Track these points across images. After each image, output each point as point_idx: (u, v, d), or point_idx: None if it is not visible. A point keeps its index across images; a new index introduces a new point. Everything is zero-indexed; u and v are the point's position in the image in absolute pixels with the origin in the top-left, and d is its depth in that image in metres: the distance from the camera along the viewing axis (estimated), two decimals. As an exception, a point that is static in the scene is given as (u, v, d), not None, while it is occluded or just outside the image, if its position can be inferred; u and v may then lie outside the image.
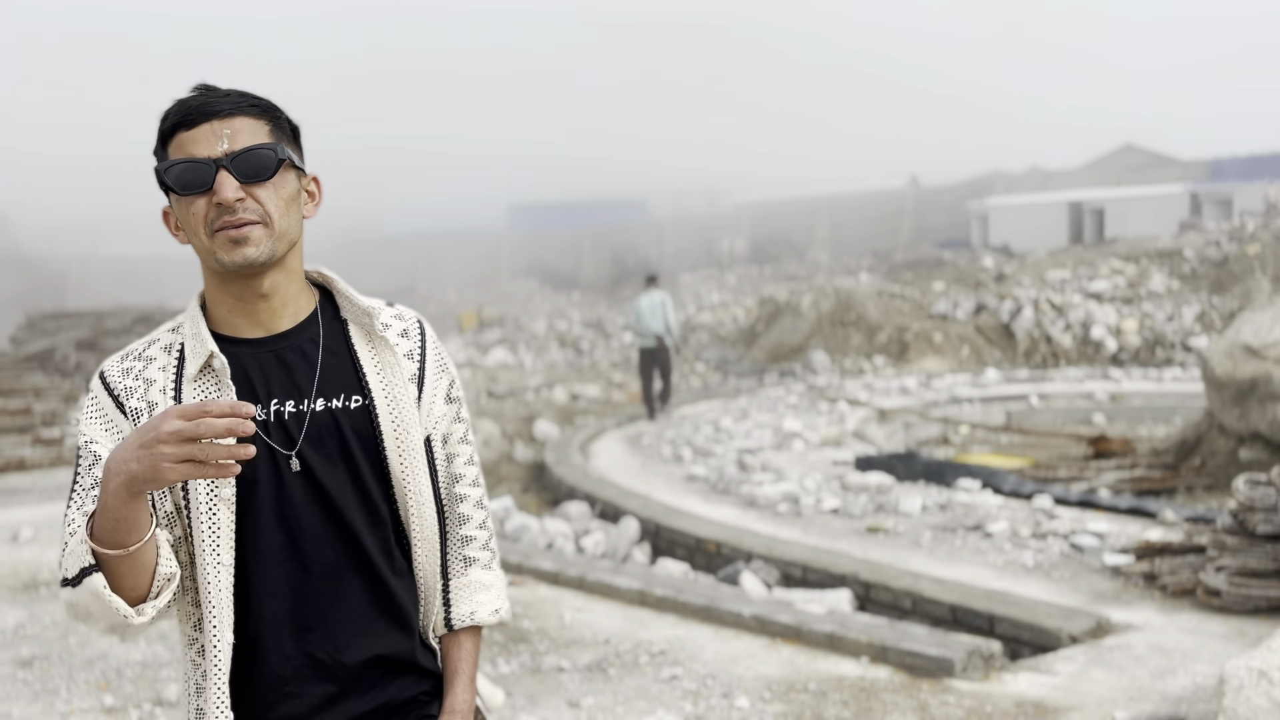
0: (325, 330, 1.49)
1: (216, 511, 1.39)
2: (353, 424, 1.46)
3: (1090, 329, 19.19)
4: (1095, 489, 9.08)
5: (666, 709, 4.05)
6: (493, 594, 1.59)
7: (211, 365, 1.43)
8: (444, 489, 1.56)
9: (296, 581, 1.42)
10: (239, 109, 1.41)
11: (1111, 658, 4.53)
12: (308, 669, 1.43)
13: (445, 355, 1.59)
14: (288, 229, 1.43)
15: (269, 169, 1.40)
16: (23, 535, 7.27)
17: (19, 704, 4.28)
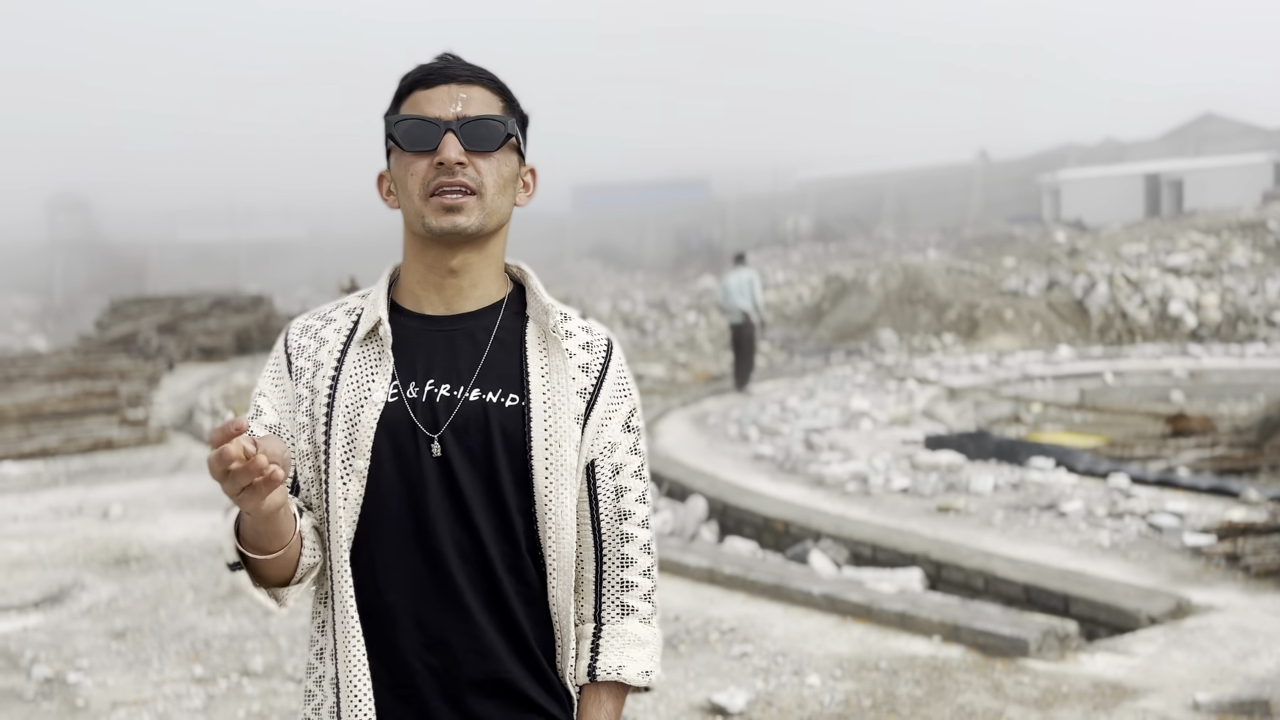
0: (503, 322, 1.42)
1: (348, 483, 1.34)
2: (503, 422, 1.36)
3: (1168, 304, 18.68)
4: (1174, 468, 8.87)
5: (737, 685, 4.08)
6: (646, 652, 1.43)
7: (377, 332, 1.39)
8: (606, 525, 1.42)
9: (417, 576, 1.35)
10: (478, 79, 1.40)
11: (1192, 639, 4.45)
12: (427, 673, 1.35)
13: (630, 382, 1.47)
14: (499, 207, 1.39)
15: (495, 140, 1.37)
16: (113, 513, 7.55)
17: (113, 674, 4.47)
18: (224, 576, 5.85)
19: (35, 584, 5.83)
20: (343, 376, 1.38)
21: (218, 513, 7.50)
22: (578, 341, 1.43)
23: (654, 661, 1.44)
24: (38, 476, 9.33)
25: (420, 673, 1.35)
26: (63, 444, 10.49)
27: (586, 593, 1.44)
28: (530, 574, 1.38)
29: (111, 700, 4.15)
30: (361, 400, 1.36)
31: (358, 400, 1.36)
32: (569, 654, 1.41)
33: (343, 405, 1.36)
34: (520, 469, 1.36)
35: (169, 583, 5.79)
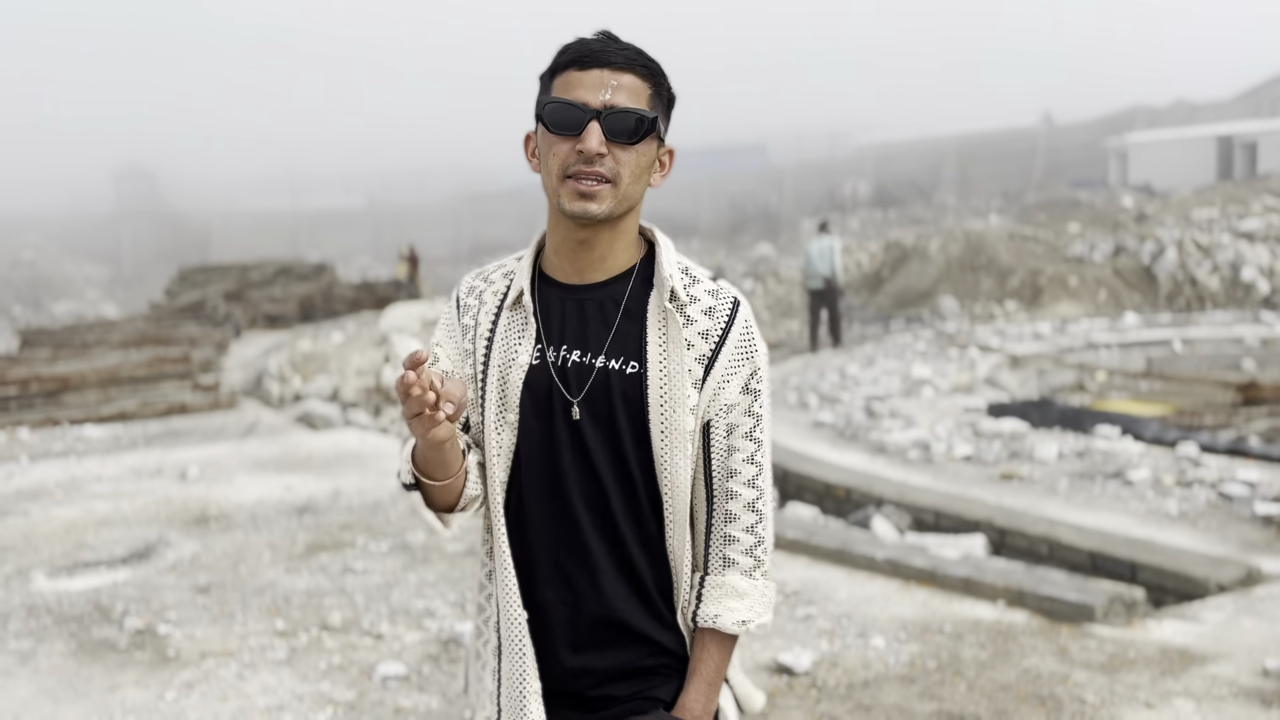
0: (631, 291, 1.51)
1: (501, 432, 1.50)
2: (624, 388, 1.47)
3: (1240, 270, 18.21)
4: (1245, 437, 8.70)
5: (803, 646, 4.14)
6: (746, 603, 1.52)
7: (521, 301, 1.52)
8: (716, 481, 1.52)
9: (556, 522, 1.50)
10: (631, 65, 1.44)
11: (1263, 607, 4.41)
12: (555, 604, 1.51)
13: (755, 343, 1.52)
14: (632, 194, 1.47)
15: (636, 134, 1.43)
16: (190, 474, 7.81)
17: (200, 626, 4.67)
18: (299, 536, 6.05)
19: (122, 540, 6.08)
20: (496, 338, 1.52)
21: (289, 475, 7.73)
22: (701, 307, 1.50)
23: (754, 611, 1.53)
24: (117, 439, 9.67)
25: (553, 604, 1.51)
26: (139, 408, 10.84)
27: (699, 543, 1.54)
28: (649, 524, 1.50)
29: (200, 651, 4.34)
30: (510, 361, 1.50)
31: (508, 360, 1.51)
32: (681, 596, 1.53)
33: (495, 364, 1.51)
34: (640, 430, 1.47)
35: (247, 541, 6.00)
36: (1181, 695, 3.61)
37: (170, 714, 3.77)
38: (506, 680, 1.52)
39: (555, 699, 1.54)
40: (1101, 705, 3.54)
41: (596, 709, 1.53)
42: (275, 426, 10.05)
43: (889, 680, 3.81)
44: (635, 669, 1.52)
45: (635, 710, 1.51)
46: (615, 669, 1.52)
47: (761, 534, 1.54)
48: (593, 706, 1.53)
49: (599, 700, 1.53)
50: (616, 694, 1.52)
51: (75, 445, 9.34)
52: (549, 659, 1.52)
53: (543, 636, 1.52)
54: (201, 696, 3.90)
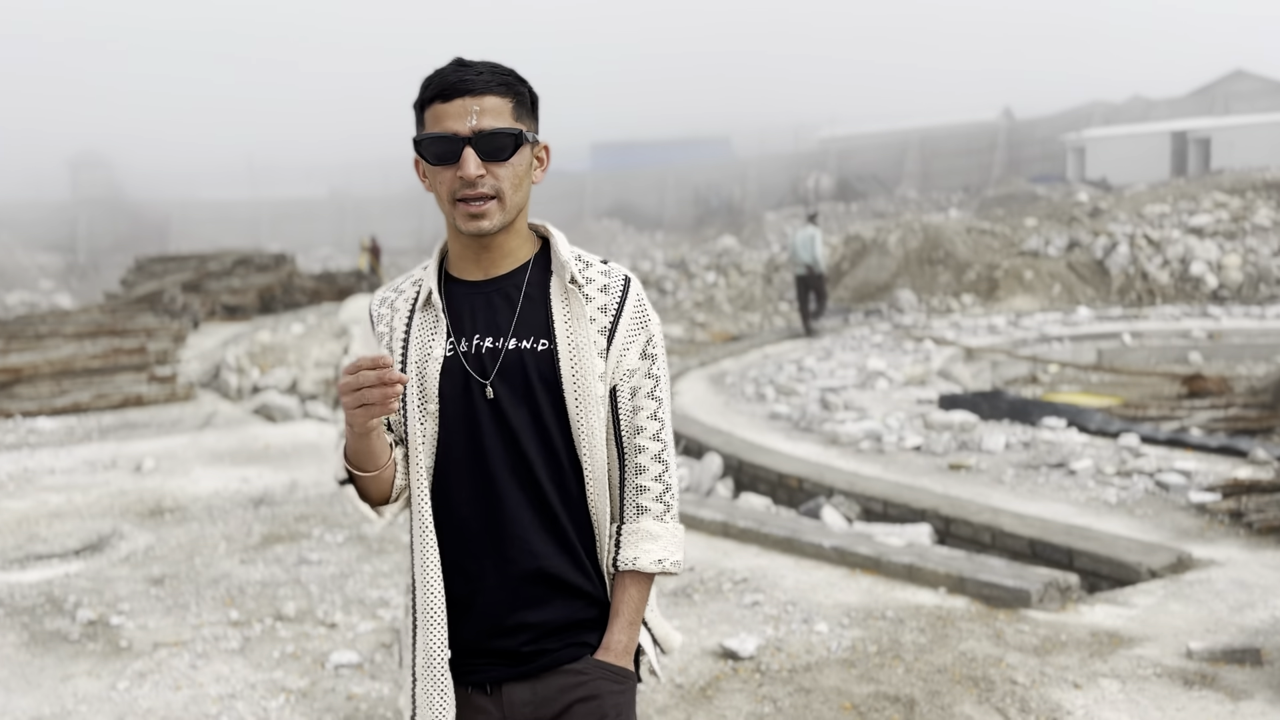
0: (531, 278, 1.67)
1: (424, 423, 1.63)
2: (538, 365, 1.63)
3: (1189, 265, 18.61)
4: (1186, 428, 8.95)
5: (748, 631, 4.25)
6: (660, 544, 1.68)
7: (431, 301, 1.67)
8: (625, 439, 1.69)
9: (484, 495, 1.64)
10: (489, 87, 1.58)
11: (1190, 592, 4.58)
12: (490, 570, 1.64)
13: (647, 314, 1.70)
14: (519, 201, 1.63)
15: (507, 150, 1.58)
16: (145, 466, 7.79)
17: (153, 617, 4.69)
18: (255, 527, 6.07)
19: (74, 533, 6.07)
20: (411, 338, 1.67)
21: (246, 467, 7.73)
22: (597, 285, 1.67)
23: (667, 551, 1.69)
24: (71, 431, 9.59)
25: (488, 570, 1.64)
26: (94, 400, 10.75)
27: (614, 497, 1.71)
28: (571, 485, 1.66)
29: (153, 641, 4.37)
30: (426, 356, 1.65)
31: (423, 356, 1.65)
32: (604, 549, 1.69)
33: (413, 361, 1.65)
34: (556, 400, 1.63)
35: (202, 533, 6.01)
36: (1108, 676, 3.76)
37: (122, 703, 3.80)
38: (421, 650, 1.64)
39: (492, 658, 1.66)
40: (1031, 685, 3.68)
41: (531, 660, 1.65)
42: (233, 418, 10.02)
43: (830, 664, 3.93)
44: (569, 623, 1.66)
45: (566, 658, 1.65)
46: (550, 623, 1.64)
47: (669, 481, 1.70)
48: (528, 657, 1.65)
49: (534, 654, 1.65)
50: (549, 648, 1.65)
51: (28, 438, 9.26)
52: (485, 621, 1.65)
53: (476, 601, 1.64)
54: (154, 686, 3.94)
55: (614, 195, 51.87)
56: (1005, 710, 3.49)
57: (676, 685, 3.79)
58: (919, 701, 3.56)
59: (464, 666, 1.66)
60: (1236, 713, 3.46)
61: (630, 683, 1.69)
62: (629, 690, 1.68)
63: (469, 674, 1.66)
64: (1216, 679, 3.70)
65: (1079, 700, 3.57)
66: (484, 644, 1.65)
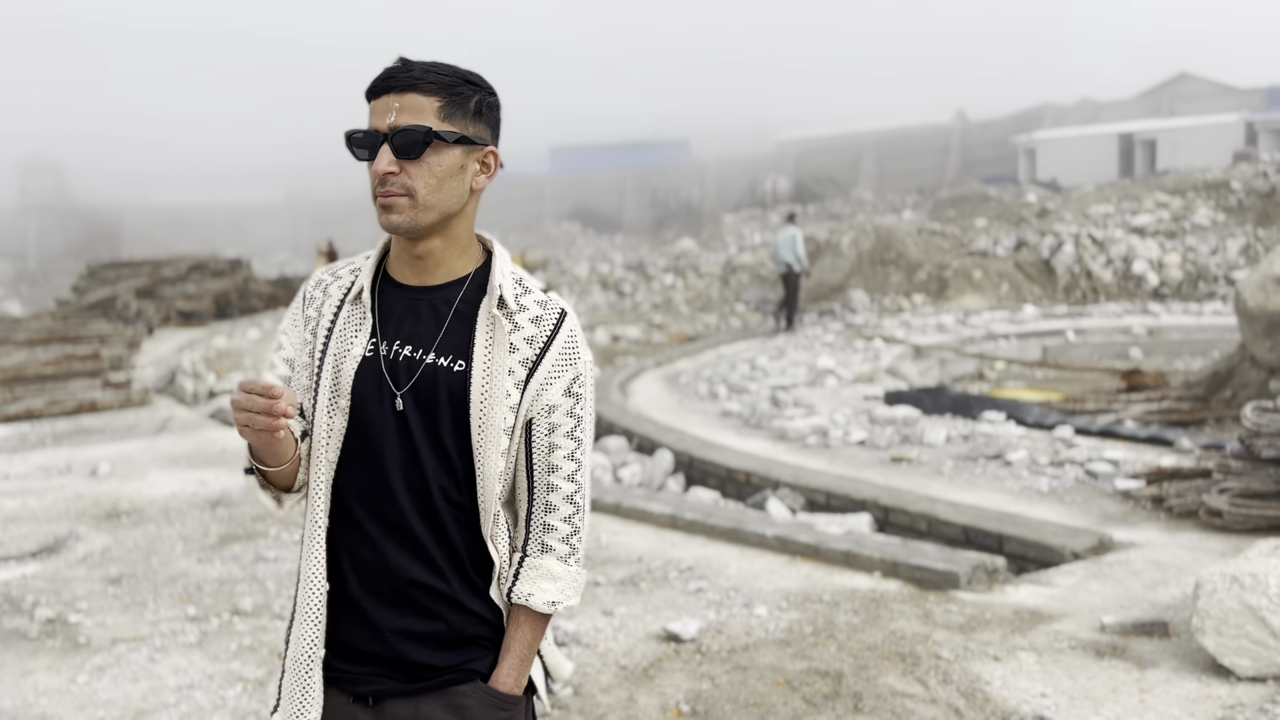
0: (465, 295, 1.65)
1: (333, 417, 1.63)
2: (449, 383, 1.61)
3: (1132, 264, 19.12)
4: (1121, 420, 9.28)
5: (691, 616, 4.44)
6: (558, 586, 1.66)
7: (361, 298, 1.66)
8: (537, 474, 1.65)
9: (379, 500, 1.62)
10: (415, 85, 1.56)
11: (1110, 572, 4.84)
12: (378, 574, 1.62)
13: (578, 352, 1.66)
14: (437, 202, 1.58)
15: (415, 148, 1.55)
16: (101, 470, 7.83)
17: (111, 614, 4.79)
18: (212, 528, 6.16)
19: (31, 536, 6.12)
20: (335, 330, 1.66)
21: (203, 470, 7.80)
22: (529, 315, 1.65)
23: (564, 594, 1.67)
24: (24, 437, 9.58)
25: (377, 571, 1.64)
26: (47, 406, 10.72)
27: (521, 527, 1.70)
28: (467, 506, 1.65)
29: (111, 637, 4.48)
30: (345, 351, 1.64)
31: (342, 351, 1.64)
32: (498, 574, 1.68)
33: (332, 354, 1.65)
34: (460, 421, 1.62)
35: (159, 534, 6.09)
36: (1026, 649, 3.99)
37: (82, 695, 3.91)
38: (294, 644, 1.64)
39: (376, 666, 1.63)
40: (955, 660, 3.90)
41: (418, 678, 1.63)
42: (189, 423, 10.06)
43: (767, 644, 4.13)
44: (456, 637, 1.64)
45: (454, 681, 1.63)
46: (436, 634, 1.63)
47: (578, 524, 1.69)
48: (414, 674, 1.63)
49: (420, 668, 1.63)
50: (437, 663, 1.63)
51: (-19, 444, 9.24)
52: (369, 623, 1.63)
53: (361, 604, 1.63)
54: (113, 679, 4.05)
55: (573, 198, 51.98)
56: (926, 681, 3.71)
57: (621, 666, 3.97)
58: (847, 675, 3.77)
59: (347, 674, 1.64)
60: (1142, 680, 3.71)
61: (515, 709, 1.67)
62: (512, 715, 1.66)
63: (352, 683, 1.63)
64: (1126, 650, 3.95)
65: (998, 672, 3.80)
66: (365, 648, 1.63)
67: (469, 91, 1.60)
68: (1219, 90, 42.74)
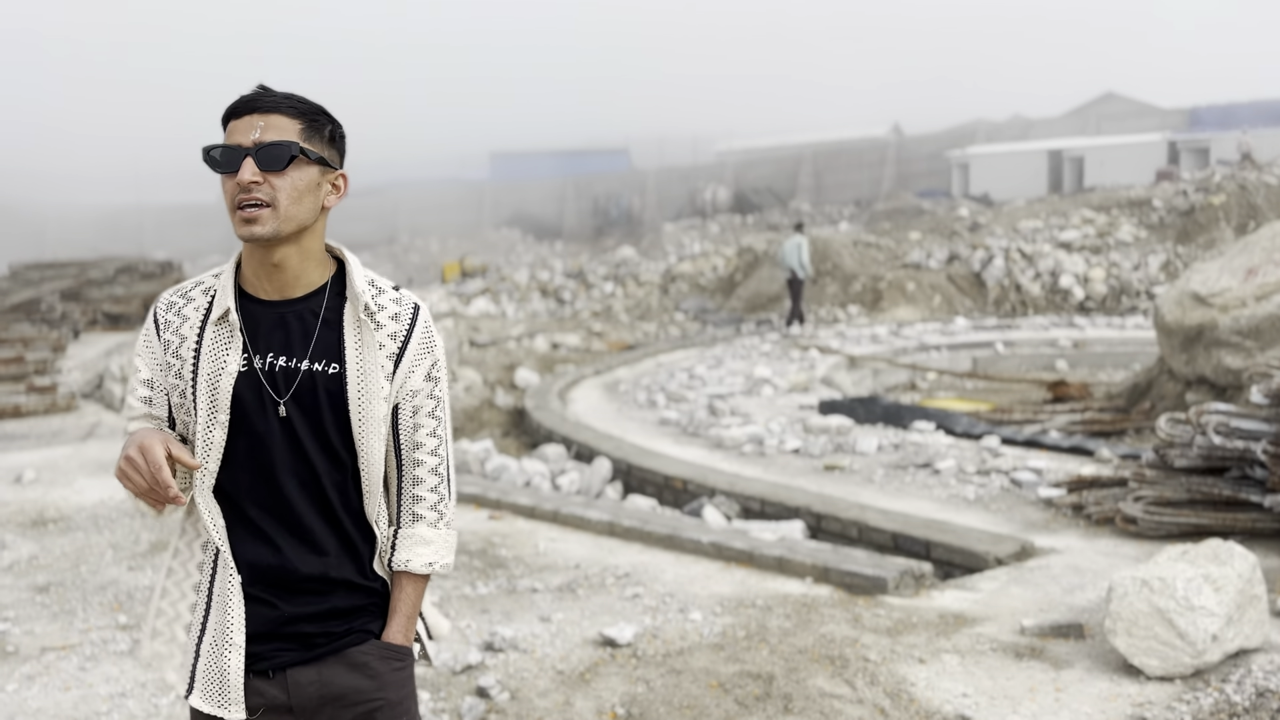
0: (328, 303, 1.78)
1: (212, 431, 1.74)
2: (327, 386, 1.75)
3: (1059, 278, 19.68)
4: (1046, 430, 9.58)
5: (627, 621, 4.51)
6: (432, 549, 1.84)
7: (227, 318, 1.75)
8: (404, 451, 1.83)
9: (270, 503, 1.76)
10: (278, 108, 1.71)
11: (1031, 577, 5.03)
12: (271, 572, 1.76)
13: (434, 340, 1.83)
14: (296, 214, 1.71)
15: (282, 161, 1.69)
16: (26, 477, 7.66)
17: (40, 623, 4.71)
18: (143, 535, 6.08)
19: (-46, 544, 5.97)
20: (203, 349, 1.76)
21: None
22: (388, 313, 1.80)
23: (438, 555, 1.85)
24: (-54, 443, 9.31)
25: (273, 569, 1.77)
26: (-30, 411, 10.42)
27: (391, 504, 1.86)
28: (353, 494, 1.81)
29: (40, 646, 4.41)
30: (219, 370, 1.74)
31: (216, 369, 1.74)
32: (381, 549, 1.85)
33: (205, 372, 1.75)
34: (342, 419, 1.76)
35: (88, 542, 5.99)
36: (950, 651, 4.14)
37: (11, 704, 3.85)
38: (211, 633, 1.77)
39: (278, 642, 1.78)
40: (882, 662, 4.03)
41: (317, 647, 1.79)
42: (117, 428, 9.86)
43: (701, 648, 4.21)
44: (351, 608, 1.80)
45: (350, 643, 1.80)
46: (331, 610, 1.79)
47: (444, 492, 1.86)
48: (313, 644, 1.79)
49: (318, 637, 1.79)
50: (333, 629, 1.79)
51: (-101, 449, 8.96)
52: (267, 612, 1.77)
53: (260, 594, 1.77)
54: (43, 688, 3.99)
55: (513, 204, 51.82)
56: (854, 683, 3.83)
57: (558, 671, 4.03)
58: (778, 677, 3.87)
59: (248, 654, 1.76)
60: (1057, 679, 3.87)
61: (409, 661, 1.84)
62: (408, 667, 1.84)
63: (253, 660, 1.76)
64: (1044, 651, 4.12)
65: (922, 673, 3.93)
66: (262, 630, 1.76)
67: (324, 120, 1.76)
68: (1143, 110, 44.14)
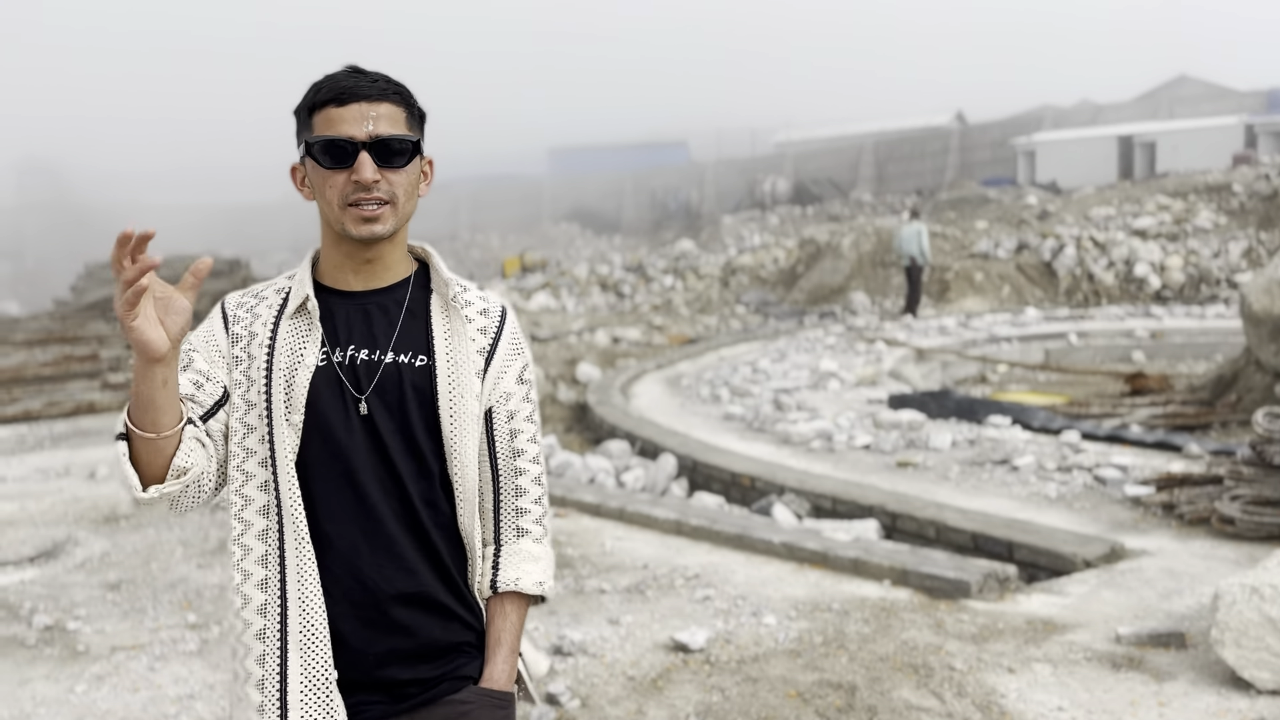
0: (412, 295, 1.65)
1: (288, 432, 1.56)
2: (414, 380, 1.59)
3: (1133, 266, 19.07)
4: (1127, 425, 9.22)
5: (699, 625, 4.38)
6: (540, 566, 1.67)
7: (305, 307, 1.61)
8: (502, 460, 1.66)
9: (349, 509, 1.57)
10: (385, 95, 1.57)
11: (1122, 580, 4.78)
12: (356, 590, 1.56)
13: (522, 342, 1.70)
14: (408, 210, 1.62)
15: (405, 157, 1.57)
16: (100, 473, 7.76)
17: (110, 621, 4.72)
18: (212, 532, 6.09)
19: (29, 540, 6.05)
20: (278, 344, 1.60)
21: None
22: (476, 309, 1.68)
23: (546, 574, 1.69)
24: (22, 439, 9.51)
25: (354, 589, 1.57)
26: (45, 408, 10.65)
27: (488, 519, 1.68)
28: (443, 504, 1.62)
29: (110, 645, 4.41)
30: (296, 364, 1.58)
31: (292, 364, 1.58)
32: (476, 571, 1.66)
33: (280, 368, 1.59)
34: (430, 418, 1.60)
35: (159, 539, 6.02)
36: (1041, 661, 3.93)
37: (81, 705, 3.84)
38: (305, 668, 1.54)
39: (367, 691, 1.57)
40: (969, 671, 3.84)
41: (405, 696, 1.58)
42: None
43: (777, 654, 4.06)
44: (439, 647, 1.60)
45: (447, 691, 1.60)
46: (421, 648, 1.58)
47: (546, 505, 1.71)
48: (404, 695, 1.58)
49: (410, 685, 1.59)
50: (423, 676, 1.59)
51: (-22, 446, 9.17)
52: (348, 649, 1.56)
53: (342, 627, 1.56)
54: (112, 688, 3.98)
55: (572, 199, 51.93)
56: (941, 694, 3.65)
57: (629, 677, 3.90)
58: (860, 688, 3.70)
59: None
60: (1160, 693, 3.64)
61: (512, 706, 1.66)
62: (510, 712, 1.65)
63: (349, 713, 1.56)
64: (1143, 662, 3.89)
65: (1013, 684, 3.74)
66: (345, 675, 1.56)
67: (416, 103, 1.65)
68: (1218, 93, 42.75)
